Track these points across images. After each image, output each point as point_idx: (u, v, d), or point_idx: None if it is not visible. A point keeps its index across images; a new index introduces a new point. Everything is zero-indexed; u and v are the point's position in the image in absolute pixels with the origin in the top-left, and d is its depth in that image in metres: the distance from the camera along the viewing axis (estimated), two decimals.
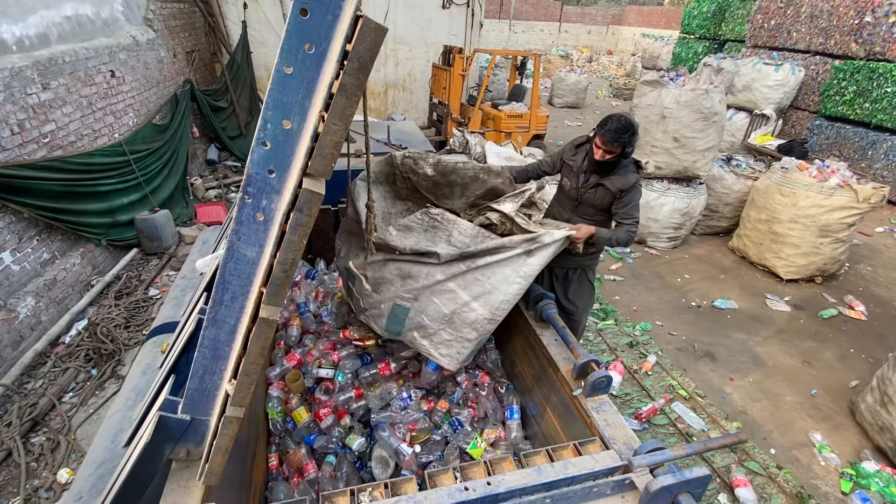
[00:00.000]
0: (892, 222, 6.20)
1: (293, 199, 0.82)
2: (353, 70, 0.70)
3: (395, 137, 4.51)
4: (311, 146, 0.77)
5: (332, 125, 0.73)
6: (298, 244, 0.84)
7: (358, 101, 0.74)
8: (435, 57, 8.58)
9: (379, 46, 0.70)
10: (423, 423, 1.83)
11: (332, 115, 0.73)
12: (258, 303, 0.92)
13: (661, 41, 18.18)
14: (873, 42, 7.51)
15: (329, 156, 0.76)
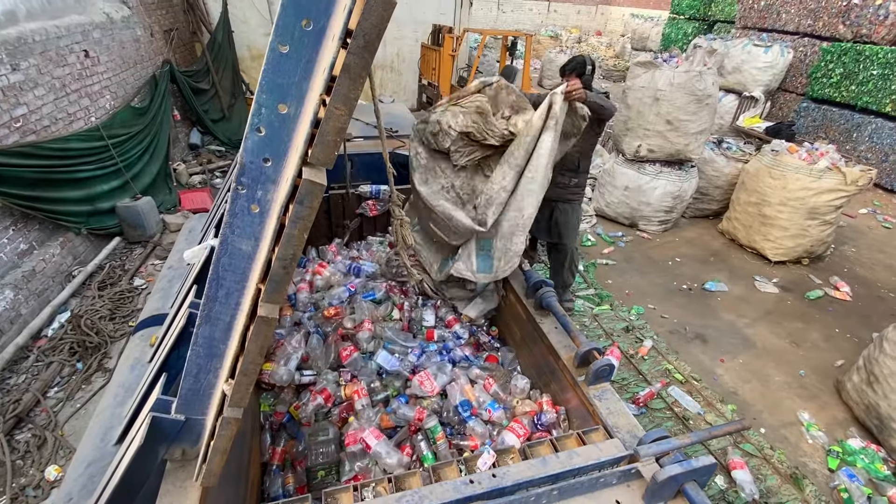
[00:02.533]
0: (875, 204, 6.32)
1: (292, 189, 0.76)
2: (358, 49, 0.64)
3: (385, 121, 4.37)
4: (311, 132, 0.71)
5: (335, 110, 0.68)
6: (299, 238, 0.79)
7: (363, 84, 0.68)
8: (424, 36, 8.37)
9: (386, 23, 0.64)
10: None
11: (334, 99, 0.67)
12: (256, 300, 0.87)
13: (651, 22, 18.00)
14: (860, 24, 7.52)
15: (332, 143, 0.70)
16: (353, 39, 0.63)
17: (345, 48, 0.66)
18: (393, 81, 9.19)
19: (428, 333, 2.11)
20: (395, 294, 2.36)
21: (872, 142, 6.83)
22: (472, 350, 2.06)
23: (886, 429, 2.57)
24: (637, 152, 4.74)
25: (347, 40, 0.65)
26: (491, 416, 1.68)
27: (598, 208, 5.32)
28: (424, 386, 1.77)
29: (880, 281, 4.48)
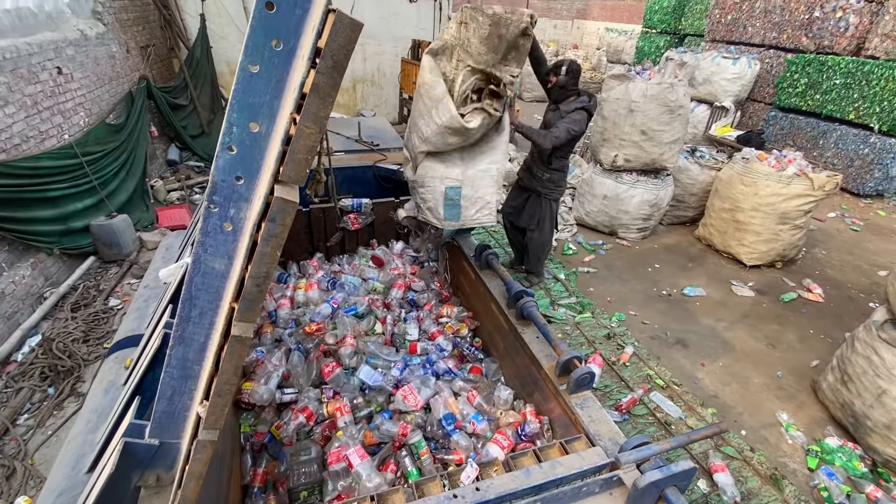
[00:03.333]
0: (843, 208, 6.56)
1: (264, 207, 0.76)
2: (326, 69, 0.65)
3: (366, 134, 4.41)
4: (282, 150, 0.72)
5: (305, 128, 0.68)
6: (272, 256, 0.78)
7: (332, 103, 0.69)
8: (403, 51, 8.46)
9: (354, 43, 0.65)
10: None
11: (304, 118, 0.68)
12: (230, 319, 0.86)
13: (625, 35, 18.54)
14: (822, 36, 7.88)
15: (302, 161, 0.71)
16: (321, 60, 0.64)
17: (314, 68, 0.67)
18: (374, 95, 9.25)
19: (411, 347, 2.10)
20: (377, 308, 2.35)
21: (838, 148, 7.12)
22: (455, 362, 2.06)
23: (862, 427, 2.64)
24: (614, 162, 4.85)
25: (317, 60, 0.67)
26: (475, 429, 1.68)
27: (578, 217, 5.41)
28: (408, 400, 1.76)
29: (850, 282, 4.64)
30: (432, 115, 2.01)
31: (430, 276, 2.69)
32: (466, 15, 1.98)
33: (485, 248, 2.20)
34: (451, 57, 2.01)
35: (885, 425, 2.50)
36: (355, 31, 0.64)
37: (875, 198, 7.02)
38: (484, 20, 1.91)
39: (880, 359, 2.55)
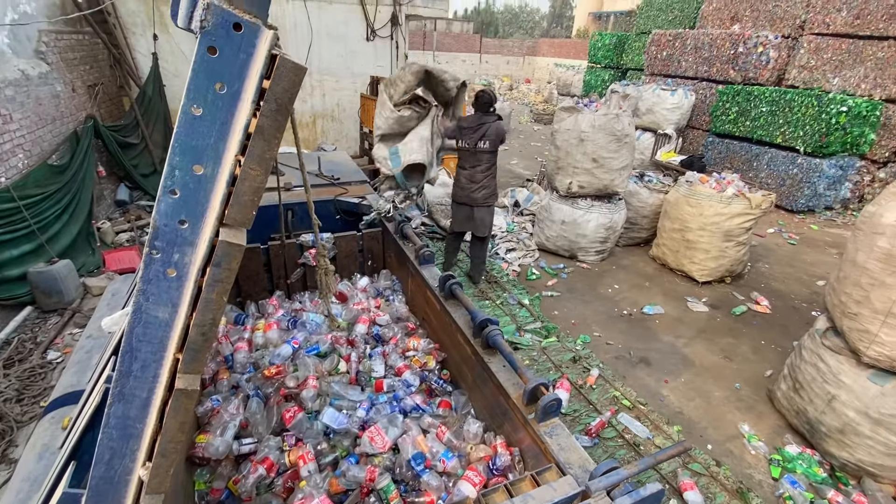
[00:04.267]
0: (780, 223, 7.06)
1: (209, 251, 0.73)
2: (270, 112, 0.65)
3: (326, 168, 4.40)
4: (227, 193, 0.70)
5: (250, 170, 0.67)
6: (218, 302, 0.75)
7: (278, 144, 0.69)
8: (362, 87, 8.62)
9: (298, 86, 0.66)
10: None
11: (249, 160, 0.67)
12: (174, 371, 0.80)
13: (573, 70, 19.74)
14: (747, 69, 8.68)
15: (248, 203, 0.69)
16: (265, 103, 0.64)
17: (259, 110, 0.67)
18: (334, 130, 9.31)
19: (377, 384, 2.04)
20: (340, 345, 2.28)
21: (770, 169, 7.73)
22: (423, 397, 2.01)
23: (817, 432, 2.76)
24: (569, 189, 5.05)
25: (261, 103, 0.67)
26: (445, 467, 1.63)
27: (539, 242, 5.54)
28: (375, 442, 1.69)
29: (793, 293, 4.94)
30: (381, 111, 3.09)
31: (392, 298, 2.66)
32: (403, 68, 3.02)
33: (448, 277, 2.20)
34: (395, 85, 3.03)
35: (838, 430, 2.62)
36: (299, 75, 0.65)
37: (807, 213, 7.61)
38: (410, 73, 2.98)
39: (826, 365, 2.71)
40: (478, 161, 3.66)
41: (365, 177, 4.34)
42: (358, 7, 8.38)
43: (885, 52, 7.23)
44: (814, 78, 8.19)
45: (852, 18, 7.55)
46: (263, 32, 0.71)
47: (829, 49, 7.92)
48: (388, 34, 8.74)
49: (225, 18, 0.69)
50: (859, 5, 7.42)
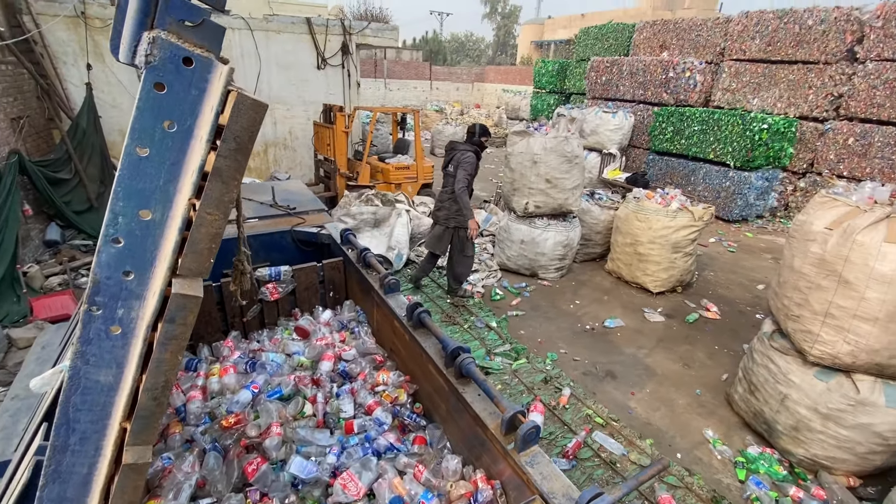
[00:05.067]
0: (719, 233, 7.56)
1: (160, 305, 0.66)
2: (229, 151, 0.60)
3: (281, 198, 4.27)
4: (180, 239, 0.64)
5: (207, 215, 0.62)
6: (172, 362, 0.67)
7: (238, 186, 0.64)
8: (315, 115, 8.54)
9: (258, 125, 0.62)
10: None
11: (205, 204, 0.61)
12: (120, 443, 0.71)
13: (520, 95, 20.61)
14: (678, 92, 9.40)
15: (205, 251, 0.63)
16: (223, 142, 0.59)
17: (215, 150, 0.62)
18: (287, 158, 9.12)
19: (347, 426, 1.93)
20: (305, 386, 2.15)
21: (706, 183, 8.31)
22: (397, 435, 1.92)
23: (774, 432, 2.89)
24: (526, 209, 5.17)
25: (217, 141, 0.62)
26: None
27: (500, 262, 5.60)
28: (348, 490, 1.58)
29: (738, 298, 5.26)
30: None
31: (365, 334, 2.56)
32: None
33: (416, 306, 2.15)
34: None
35: (792, 427, 2.76)
36: (259, 112, 0.61)
37: (742, 222, 8.21)
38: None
39: (776, 366, 2.86)
40: (446, 183, 3.88)
41: (322, 205, 4.24)
42: (307, 36, 8.38)
43: (795, 75, 8.08)
44: (736, 99, 8.99)
45: (765, 45, 8.41)
46: (217, 67, 0.67)
47: (747, 73, 8.74)
48: (340, 62, 8.77)
49: (174, 53, 0.64)
50: (770, 34, 8.28)
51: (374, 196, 5.85)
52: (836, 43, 7.50)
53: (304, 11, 13.86)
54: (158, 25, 0.65)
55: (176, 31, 0.66)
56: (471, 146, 3.88)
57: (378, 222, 5.46)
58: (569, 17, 26.67)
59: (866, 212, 2.46)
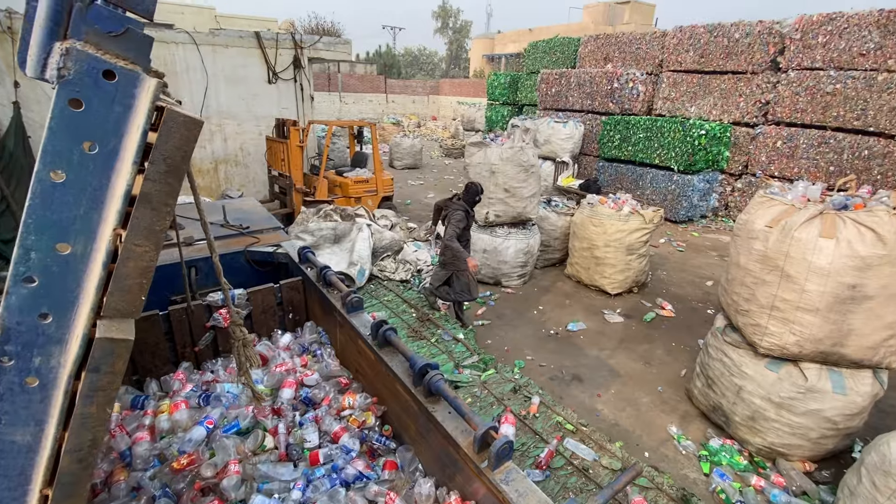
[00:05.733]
0: (668, 234, 7.94)
1: (84, 351, 0.58)
2: (158, 174, 0.53)
3: (233, 217, 4.08)
4: (105, 276, 0.56)
5: (135, 247, 0.54)
6: (99, 417, 0.59)
7: (170, 213, 0.57)
8: (267, 130, 8.29)
9: (192, 143, 0.56)
10: None
11: (133, 234, 0.54)
12: None
13: (475, 107, 20.97)
14: (623, 102, 9.87)
15: (135, 288, 0.56)
16: (151, 164, 0.53)
17: (143, 173, 0.55)
18: (240, 175, 8.79)
19: (311, 456, 1.82)
20: (264, 417, 2.02)
21: (653, 187, 8.73)
22: (366, 461, 1.83)
23: (732, 423, 3.02)
24: (487, 218, 5.22)
25: (146, 164, 0.55)
26: None
27: None
28: None
29: (689, 295, 5.51)
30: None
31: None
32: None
33: (381, 324, 2.09)
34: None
35: (749, 417, 2.89)
36: (193, 131, 0.55)
37: (688, 222, 8.67)
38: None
39: (730, 360, 2.99)
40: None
41: (278, 223, 4.09)
42: (257, 50, 8.16)
43: (726, 84, 8.69)
44: (676, 107, 9.55)
45: (698, 57, 9.00)
46: (144, 81, 0.60)
47: (684, 83, 9.32)
48: (292, 76, 8.59)
49: (91, 65, 0.57)
50: (702, 47, 8.88)
51: (332, 211, 5.71)
52: (760, 54, 8.15)
53: (254, 26, 13.56)
54: (73, 35, 0.58)
55: (95, 41, 0.59)
56: (462, 204, 4.10)
57: (338, 238, 5.33)
58: (517, 31, 27.58)
59: (801, 209, 2.64)
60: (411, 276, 5.42)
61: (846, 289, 2.45)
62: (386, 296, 4.86)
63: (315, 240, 5.14)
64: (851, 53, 7.20)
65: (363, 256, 5.06)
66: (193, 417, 2.02)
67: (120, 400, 2.19)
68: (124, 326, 0.57)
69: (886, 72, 6.89)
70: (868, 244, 2.39)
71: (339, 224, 5.31)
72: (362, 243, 5.13)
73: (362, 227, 5.30)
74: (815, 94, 7.56)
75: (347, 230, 5.33)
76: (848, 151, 7.34)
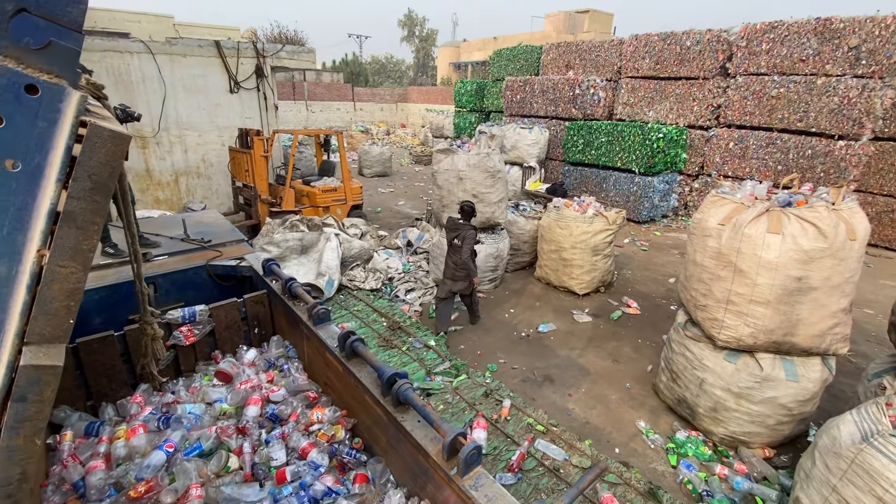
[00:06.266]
0: (631, 234, 8.19)
1: (8, 380, 0.54)
2: (82, 192, 0.51)
3: (195, 230, 3.96)
4: (30, 299, 0.53)
5: (60, 268, 0.52)
6: (27, 449, 0.55)
7: (98, 231, 0.55)
8: (230, 140, 8.09)
9: (120, 159, 0.54)
10: None
11: (58, 255, 0.52)
12: None
13: (443, 114, 21.16)
14: (585, 107, 10.16)
15: (62, 311, 0.53)
16: (75, 181, 0.51)
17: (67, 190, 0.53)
18: (202, 187, 8.52)
19: (278, 475, 1.77)
20: (229, 437, 1.95)
21: (617, 189, 9.01)
22: (335, 476, 1.79)
23: (696, 415, 3.13)
24: None
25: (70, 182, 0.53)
26: None
27: (436, 279, 5.60)
28: None
29: (653, 293, 5.69)
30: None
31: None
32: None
33: (349, 335, 2.06)
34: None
35: (711, 408, 3.00)
36: (120, 146, 0.53)
37: (650, 222, 8.98)
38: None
39: (692, 353, 3.11)
40: (454, 252, 4.37)
41: (241, 235, 3.99)
42: (217, 60, 7.97)
43: (681, 90, 9.09)
44: (635, 112, 9.91)
45: (654, 64, 9.39)
46: (70, 95, 0.58)
47: (641, 89, 9.69)
48: (255, 86, 8.43)
49: (12, 80, 0.55)
50: (657, 54, 9.27)
51: (299, 221, 5.61)
52: (710, 61, 8.57)
53: (215, 34, 13.24)
54: None
55: (16, 55, 0.56)
56: (471, 224, 4.40)
57: (305, 248, 5.23)
58: (483, 39, 28.01)
59: (749, 207, 2.78)
60: (382, 284, 5.38)
61: (793, 281, 2.59)
62: (356, 306, 4.80)
63: (281, 251, 5.03)
64: (792, 59, 7.68)
65: (331, 266, 4.99)
66: (152, 442, 1.94)
67: (73, 428, 2.07)
68: (52, 352, 0.54)
69: (824, 76, 7.38)
70: (811, 238, 2.54)
71: (306, 234, 5.22)
72: (330, 253, 5.06)
73: (330, 237, 5.23)
74: (762, 98, 8.01)
75: (315, 240, 5.25)
76: (793, 151, 7.79)
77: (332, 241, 5.19)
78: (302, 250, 5.19)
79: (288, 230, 5.29)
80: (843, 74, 7.25)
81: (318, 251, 5.17)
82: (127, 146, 0.54)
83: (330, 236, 5.25)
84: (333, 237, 5.25)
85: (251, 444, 1.93)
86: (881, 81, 6.95)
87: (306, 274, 4.92)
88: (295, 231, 5.29)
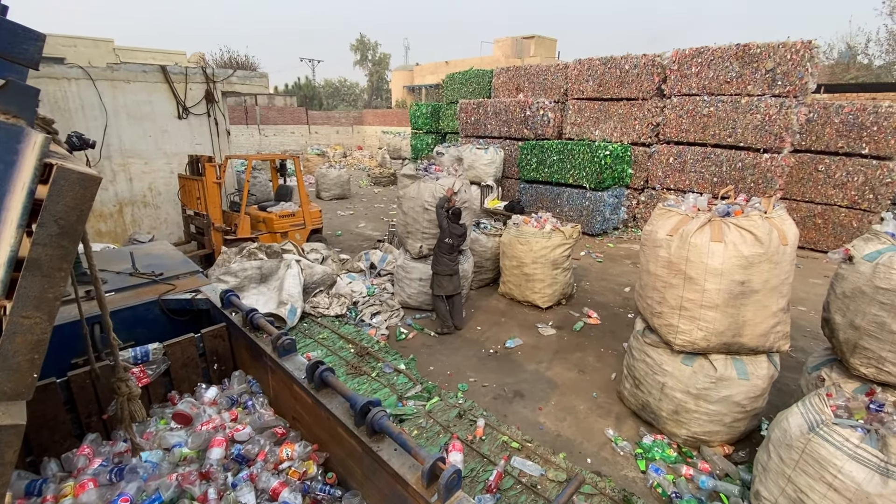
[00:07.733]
0: (587, 247, 8.52)
1: None
2: (49, 238, 0.49)
3: (144, 263, 3.74)
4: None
5: (23, 319, 0.49)
6: None
7: (64, 279, 0.52)
8: (180, 167, 7.77)
9: (90, 201, 0.52)
10: None
11: (21, 305, 0.49)
12: None
13: (399, 136, 21.37)
14: (536, 128, 10.59)
15: (24, 366, 0.50)
16: (40, 227, 0.48)
17: (30, 237, 0.50)
18: (149, 216, 8.09)
19: None
20: (191, 485, 1.83)
21: (570, 204, 9.37)
22: None
23: (659, 419, 3.25)
24: (420, 252, 5.28)
25: (34, 227, 0.50)
26: None
27: (402, 301, 5.57)
28: None
29: (611, 302, 5.92)
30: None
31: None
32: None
33: (317, 364, 2.00)
34: None
35: (673, 411, 3.13)
36: (90, 188, 0.51)
37: (603, 235, 9.38)
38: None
39: (652, 359, 3.25)
40: (454, 240, 4.82)
41: (195, 266, 3.81)
42: (164, 85, 7.70)
43: (623, 109, 9.68)
44: (582, 131, 10.43)
45: (597, 86, 9.97)
46: (30, 136, 0.56)
47: (587, 109, 10.23)
48: (205, 111, 8.18)
49: None
50: (599, 77, 9.86)
51: (257, 249, 5.44)
52: (647, 83, 9.22)
53: (159, 59, 12.81)
54: None
55: None
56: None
57: (265, 277, 5.07)
58: (435, 63, 28.73)
59: (693, 218, 2.99)
60: (347, 309, 5.28)
61: (737, 285, 2.79)
62: (321, 333, 4.68)
63: (239, 281, 4.84)
64: (719, 81, 8.40)
65: (293, 294, 4.85)
66: (105, 497, 1.78)
67: (11, 488, 1.87)
68: (13, 410, 0.50)
69: (747, 96, 8.12)
70: (749, 245, 2.76)
71: (265, 262, 5.06)
72: (291, 280, 4.92)
73: (291, 264, 5.10)
74: (695, 117, 8.68)
75: (275, 268, 5.09)
76: (726, 164, 8.45)
77: (293, 267, 5.06)
78: (261, 279, 5.02)
79: (245, 258, 5.12)
80: (762, 94, 8.00)
81: (278, 279, 5.02)
82: (96, 188, 0.53)
83: (290, 263, 5.12)
84: (294, 263, 5.12)
85: (217, 490, 1.82)
86: (795, 100, 7.73)
87: (267, 303, 4.75)
88: (253, 259, 5.12)
